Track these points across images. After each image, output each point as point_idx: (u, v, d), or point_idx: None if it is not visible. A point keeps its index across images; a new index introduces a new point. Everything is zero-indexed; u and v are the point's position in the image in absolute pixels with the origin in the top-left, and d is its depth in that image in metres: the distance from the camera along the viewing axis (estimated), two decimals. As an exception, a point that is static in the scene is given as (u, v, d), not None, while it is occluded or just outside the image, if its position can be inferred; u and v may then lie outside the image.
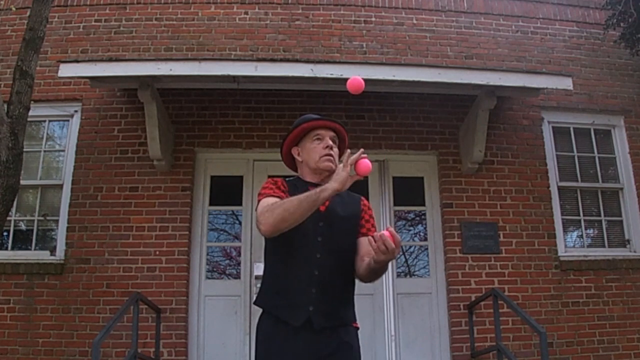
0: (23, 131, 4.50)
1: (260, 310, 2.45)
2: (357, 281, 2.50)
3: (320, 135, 2.51)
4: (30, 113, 4.67)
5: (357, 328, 2.46)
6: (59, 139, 6.22)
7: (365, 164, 2.23)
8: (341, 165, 2.23)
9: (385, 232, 2.10)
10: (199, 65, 5.34)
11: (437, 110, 6.19)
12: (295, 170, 2.64)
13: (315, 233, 2.38)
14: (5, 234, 5.71)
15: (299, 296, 2.33)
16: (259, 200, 2.40)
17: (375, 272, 2.32)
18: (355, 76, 2.41)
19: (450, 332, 5.60)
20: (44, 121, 6.15)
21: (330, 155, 2.49)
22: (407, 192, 6.17)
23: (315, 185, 2.46)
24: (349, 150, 2.26)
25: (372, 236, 2.12)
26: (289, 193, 2.41)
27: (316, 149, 2.49)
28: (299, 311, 2.31)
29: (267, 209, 2.26)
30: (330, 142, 2.51)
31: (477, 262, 5.74)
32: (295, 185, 2.48)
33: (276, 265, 2.41)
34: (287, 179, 2.55)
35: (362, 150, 2.26)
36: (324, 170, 2.48)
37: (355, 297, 2.51)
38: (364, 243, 2.44)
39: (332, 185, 2.21)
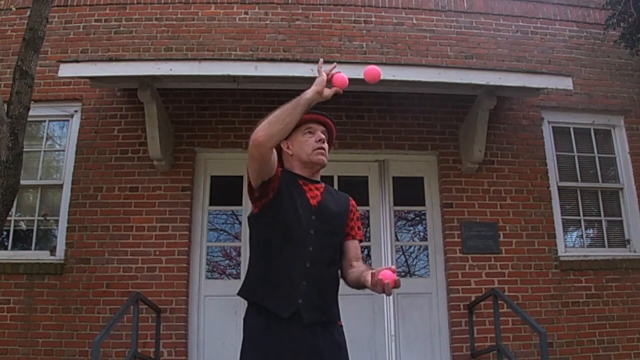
0: (23, 131, 4.50)
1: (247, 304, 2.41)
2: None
3: (312, 129, 2.49)
4: (30, 113, 4.67)
5: (342, 326, 2.45)
6: (59, 139, 6.22)
7: (342, 76, 2.31)
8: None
9: (389, 281, 2.06)
10: (199, 65, 5.34)
11: (437, 110, 6.19)
12: (281, 165, 2.58)
13: (307, 226, 2.36)
14: (5, 234, 5.71)
15: (289, 288, 2.30)
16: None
17: (363, 287, 2.32)
18: (372, 66, 2.42)
19: (450, 332, 5.60)
20: (44, 121, 6.15)
21: (323, 149, 2.48)
22: (407, 192, 6.17)
23: (306, 179, 2.47)
24: (321, 59, 2.38)
25: (377, 278, 2.08)
26: (280, 181, 2.39)
27: (308, 142, 2.47)
28: (288, 303, 2.28)
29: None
30: (323, 136, 2.50)
31: (477, 262, 5.74)
32: (286, 176, 2.45)
33: (266, 255, 2.37)
34: None
35: (335, 64, 2.36)
36: (316, 163, 2.47)
37: (355, 297, 2.53)
38: (352, 247, 2.48)
39: (312, 88, 2.28)
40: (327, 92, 2.29)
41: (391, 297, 5.75)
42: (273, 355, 2.24)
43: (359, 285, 2.32)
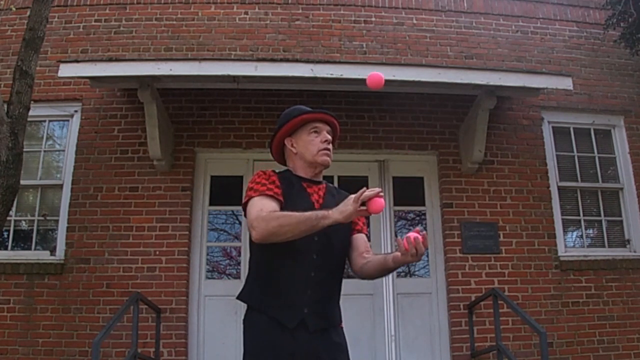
0: (23, 131, 4.50)
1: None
2: (352, 281, 2.47)
3: (318, 129, 2.46)
4: (30, 113, 4.67)
5: (342, 328, 2.44)
6: (59, 139, 6.22)
7: (379, 203, 2.11)
8: (351, 198, 2.12)
9: (417, 235, 2.05)
10: (199, 65, 5.34)
11: (437, 110, 6.19)
12: (282, 162, 2.57)
13: (311, 233, 2.33)
14: (5, 234, 5.71)
15: (294, 297, 2.28)
16: (250, 196, 2.30)
17: (387, 272, 2.29)
18: (375, 72, 2.33)
19: (450, 332, 5.60)
20: (44, 121, 6.14)
21: (328, 149, 2.45)
22: (407, 192, 6.17)
23: (309, 180, 2.44)
24: (365, 188, 2.13)
25: (406, 237, 2.06)
26: (282, 192, 2.34)
27: (314, 142, 2.43)
28: (294, 312, 2.27)
29: (263, 217, 2.19)
30: (329, 137, 2.47)
31: (477, 262, 5.74)
32: (289, 180, 2.41)
33: (269, 262, 2.34)
34: (278, 171, 2.46)
35: (379, 190, 2.12)
36: (321, 164, 2.44)
37: (356, 297, 2.51)
38: (361, 240, 2.45)
39: (335, 216, 2.12)
40: (351, 219, 2.16)
41: (391, 297, 5.76)
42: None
43: (381, 270, 2.28)
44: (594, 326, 5.67)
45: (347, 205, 2.11)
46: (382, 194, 2.12)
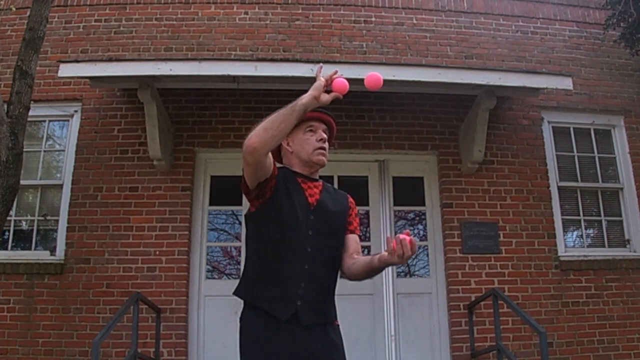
0: (23, 131, 4.50)
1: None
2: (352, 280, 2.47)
3: (314, 127, 2.47)
4: (30, 113, 4.68)
5: (338, 325, 2.44)
6: (59, 139, 6.22)
7: (343, 81, 2.22)
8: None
9: (405, 237, 2.04)
10: (199, 65, 5.35)
11: (437, 110, 6.19)
12: (279, 161, 2.57)
13: (306, 227, 2.34)
14: (5, 234, 5.71)
15: (287, 290, 2.28)
16: None
17: (373, 272, 2.29)
18: (373, 72, 2.34)
19: (450, 332, 5.60)
20: (44, 121, 6.15)
21: (324, 148, 2.46)
22: (407, 192, 6.17)
23: (304, 176, 2.45)
24: (321, 64, 2.27)
25: (395, 238, 2.05)
26: (276, 178, 2.35)
27: (309, 141, 2.44)
28: (287, 305, 2.27)
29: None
30: (325, 136, 2.48)
31: (477, 262, 5.74)
32: (284, 173, 2.42)
33: (264, 256, 2.35)
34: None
35: (336, 70, 2.25)
36: (316, 163, 2.45)
37: (355, 296, 2.51)
38: (352, 240, 2.45)
39: (309, 93, 2.20)
40: (325, 97, 2.20)
41: (391, 297, 5.76)
42: (271, 358, 2.23)
43: (368, 271, 2.29)
44: (594, 326, 5.67)
45: (316, 82, 2.22)
46: (339, 73, 2.23)
